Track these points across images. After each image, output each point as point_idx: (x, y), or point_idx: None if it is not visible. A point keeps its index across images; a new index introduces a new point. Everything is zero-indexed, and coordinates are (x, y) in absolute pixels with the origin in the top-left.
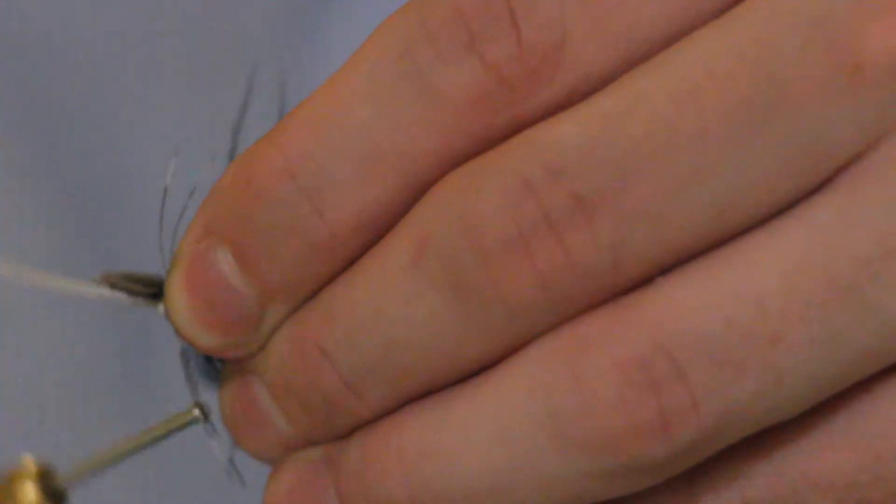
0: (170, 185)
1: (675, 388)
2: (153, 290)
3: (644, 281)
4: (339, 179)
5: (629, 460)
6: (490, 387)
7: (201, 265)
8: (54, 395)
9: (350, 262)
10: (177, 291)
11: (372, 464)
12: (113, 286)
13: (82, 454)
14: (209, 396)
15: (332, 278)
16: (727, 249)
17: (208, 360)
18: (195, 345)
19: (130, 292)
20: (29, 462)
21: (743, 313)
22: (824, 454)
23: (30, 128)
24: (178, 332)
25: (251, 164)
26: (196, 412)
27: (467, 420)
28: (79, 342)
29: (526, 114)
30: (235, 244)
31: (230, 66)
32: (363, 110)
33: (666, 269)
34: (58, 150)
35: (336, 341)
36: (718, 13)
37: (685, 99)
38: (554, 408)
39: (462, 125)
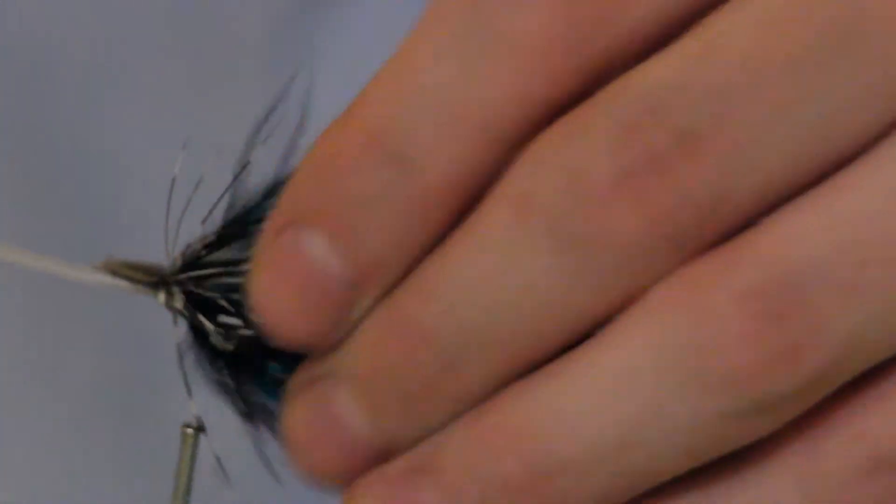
0: (171, 177)
1: (800, 316)
2: (154, 279)
3: (750, 216)
4: (426, 141)
5: (760, 394)
6: (608, 342)
7: (290, 255)
8: (56, 391)
9: (444, 230)
10: (266, 289)
11: (483, 448)
12: (114, 273)
13: (84, 450)
14: (204, 391)
15: (425, 251)
16: (830, 179)
17: (210, 355)
18: (288, 341)
19: (131, 280)
20: None
21: (855, 237)
22: None
23: (30, 123)
24: (270, 333)
25: (335, 141)
26: (190, 431)
27: (588, 379)
28: (81, 338)
29: (601, 52)
30: (326, 222)
31: (233, 62)
32: (439, 69)
33: (771, 200)
34: (59, 146)
35: (435, 315)
36: None
37: (770, 30)
38: (679, 350)
39: (537, 68)
